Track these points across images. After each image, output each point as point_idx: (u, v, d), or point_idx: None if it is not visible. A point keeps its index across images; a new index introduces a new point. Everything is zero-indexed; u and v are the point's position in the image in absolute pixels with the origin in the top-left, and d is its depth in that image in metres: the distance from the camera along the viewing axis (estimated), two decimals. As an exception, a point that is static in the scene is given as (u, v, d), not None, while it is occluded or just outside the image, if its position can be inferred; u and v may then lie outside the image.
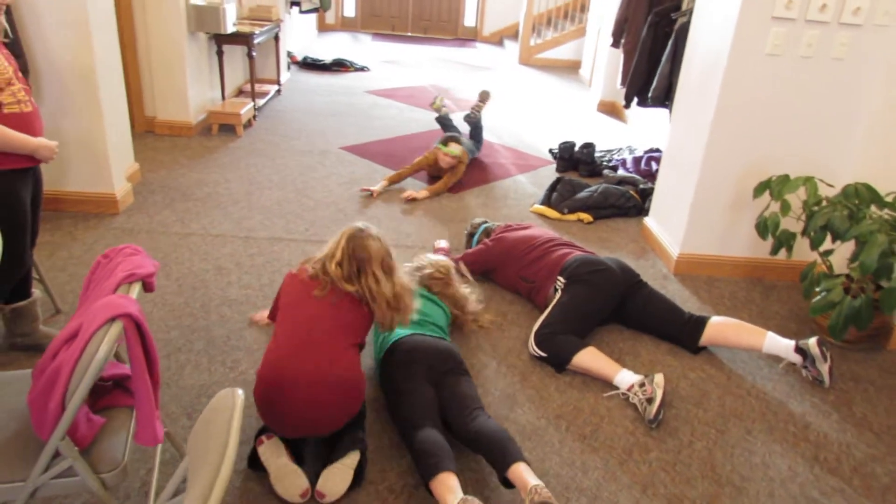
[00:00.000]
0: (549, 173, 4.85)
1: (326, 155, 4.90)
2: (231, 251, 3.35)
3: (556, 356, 2.60)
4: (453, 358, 2.26)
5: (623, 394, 2.47)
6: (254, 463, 2.03)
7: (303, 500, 1.92)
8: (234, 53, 5.79)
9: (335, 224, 3.77)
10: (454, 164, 4.37)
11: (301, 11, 7.06)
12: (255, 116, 5.55)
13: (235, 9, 5.05)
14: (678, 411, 2.44)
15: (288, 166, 4.60)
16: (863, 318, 2.44)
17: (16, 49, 3.13)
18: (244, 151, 4.83)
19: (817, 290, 2.63)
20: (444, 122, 5.11)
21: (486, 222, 3.50)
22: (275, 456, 1.98)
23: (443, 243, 3.53)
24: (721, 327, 2.71)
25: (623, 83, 4.86)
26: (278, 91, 6.48)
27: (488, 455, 1.95)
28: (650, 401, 2.37)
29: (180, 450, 2.01)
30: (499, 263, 3.15)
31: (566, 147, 4.84)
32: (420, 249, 3.54)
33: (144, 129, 5.04)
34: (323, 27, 10.73)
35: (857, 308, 2.45)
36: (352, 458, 1.98)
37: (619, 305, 2.85)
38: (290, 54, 8.05)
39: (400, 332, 2.33)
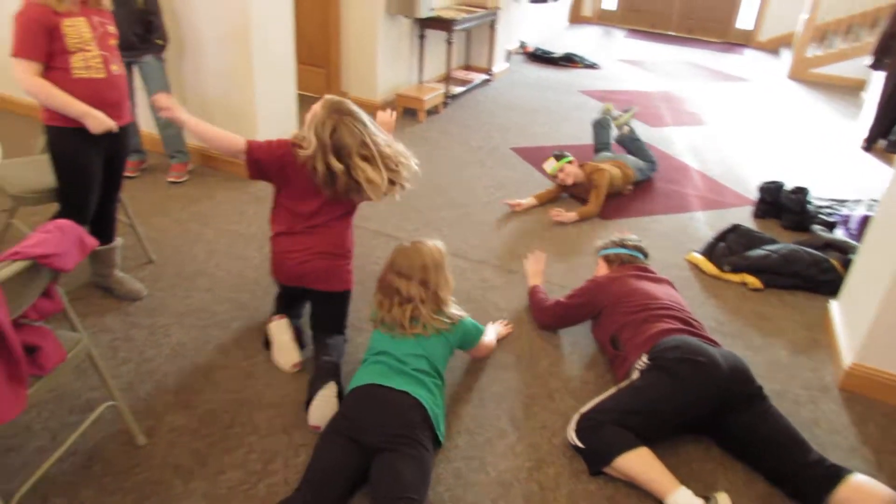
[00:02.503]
0: (741, 216, 3.93)
1: (493, 153, 4.61)
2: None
3: (595, 451, 2.03)
4: (402, 424, 1.86)
5: None
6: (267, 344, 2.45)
7: (294, 370, 2.36)
8: (443, 38, 5.75)
9: (450, 227, 3.50)
10: (574, 173, 3.77)
11: (530, 1, 6.76)
12: (445, 103, 5.47)
13: (439, -7, 4.98)
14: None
15: (445, 158, 4.43)
16: None
17: (150, 16, 3.39)
18: (414, 137, 4.78)
19: None
20: (613, 139, 4.48)
21: (637, 249, 2.78)
22: (279, 333, 2.40)
23: None
24: (869, 492, 1.83)
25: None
26: (487, 80, 6.32)
27: None
28: None
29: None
30: (606, 308, 2.49)
31: (770, 188, 3.86)
32: (510, 274, 3.10)
33: (338, 103, 5.28)
34: (577, 19, 10.28)
35: None
36: (331, 389, 2.11)
37: (717, 416, 2.13)
38: (522, 44, 7.85)
39: (363, 377, 2.02)
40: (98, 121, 2.29)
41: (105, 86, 2.33)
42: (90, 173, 2.41)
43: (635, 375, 2.19)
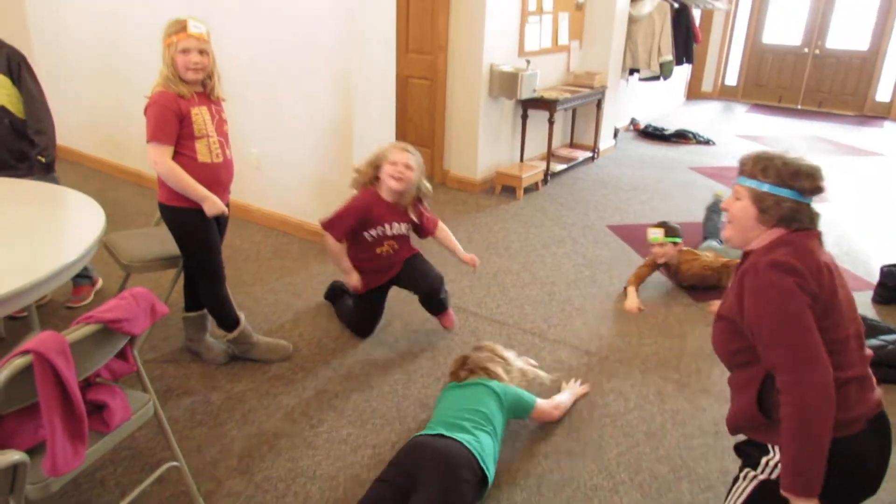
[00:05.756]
0: (859, 302, 3.53)
1: (587, 231, 4.53)
2: (413, 309, 3.33)
3: None
4: (440, 467, 1.92)
5: None
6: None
7: None
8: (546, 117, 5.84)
9: (533, 305, 3.44)
10: (669, 255, 3.57)
11: (640, 79, 6.73)
12: (545, 181, 5.50)
13: (538, 76, 5.10)
14: None
15: (537, 235, 4.41)
16: None
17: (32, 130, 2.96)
18: (509, 214, 4.82)
19: None
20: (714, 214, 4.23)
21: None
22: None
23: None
24: None
25: None
26: (592, 158, 6.29)
27: None
28: None
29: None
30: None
31: (894, 271, 3.45)
32: (588, 356, 2.96)
33: (440, 181, 5.47)
34: (695, 95, 10.06)
35: None
36: None
37: None
38: (633, 121, 7.79)
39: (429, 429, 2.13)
40: (215, 206, 2.55)
41: (222, 169, 2.61)
42: (214, 241, 2.67)
43: (773, 475, 1.54)
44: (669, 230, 3.60)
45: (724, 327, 1.64)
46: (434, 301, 3.04)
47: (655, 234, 3.60)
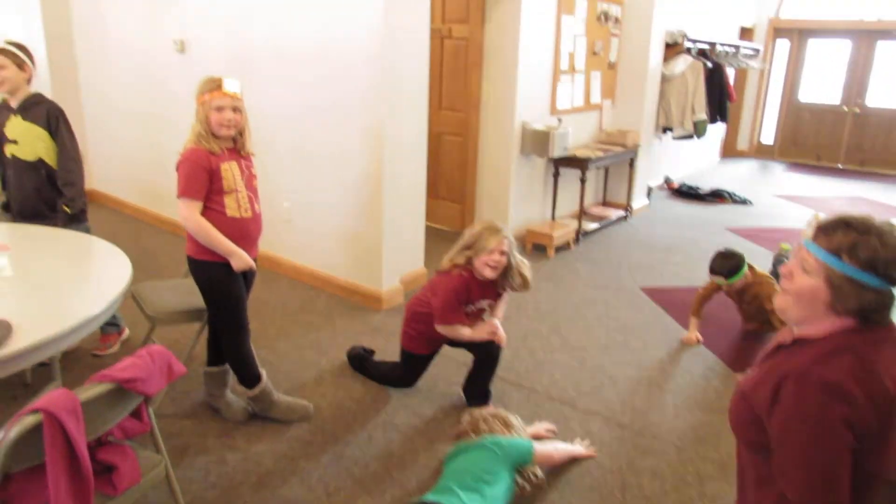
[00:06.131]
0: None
1: (619, 293, 4.41)
2: (438, 371, 3.24)
3: None
4: None
5: None
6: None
7: None
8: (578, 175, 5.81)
9: (562, 371, 3.32)
10: (739, 288, 3.59)
11: (673, 138, 6.69)
12: (577, 240, 5.41)
13: (570, 134, 5.09)
14: None
15: (568, 297, 4.30)
16: None
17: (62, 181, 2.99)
18: (540, 273, 4.72)
19: None
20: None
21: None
22: None
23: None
24: None
25: None
26: (625, 217, 6.21)
27: None
28: None
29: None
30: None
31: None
32: (620, 429, 2.80)
33: (469, 237, 5.43)
34: (731, 153, 9.96)
35: None
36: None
37: None
38: (667, 180, 7.71)
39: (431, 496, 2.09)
40: (242, 261, 2.55)
41: (251, 223, 2.61)
42: (240, 296, 2.65)
43: None
44: (731, 271, 3.52)
45: (744, 412, 1.39)
46: (490, 366, 2.95)
47: (720, 280, 3.57)
